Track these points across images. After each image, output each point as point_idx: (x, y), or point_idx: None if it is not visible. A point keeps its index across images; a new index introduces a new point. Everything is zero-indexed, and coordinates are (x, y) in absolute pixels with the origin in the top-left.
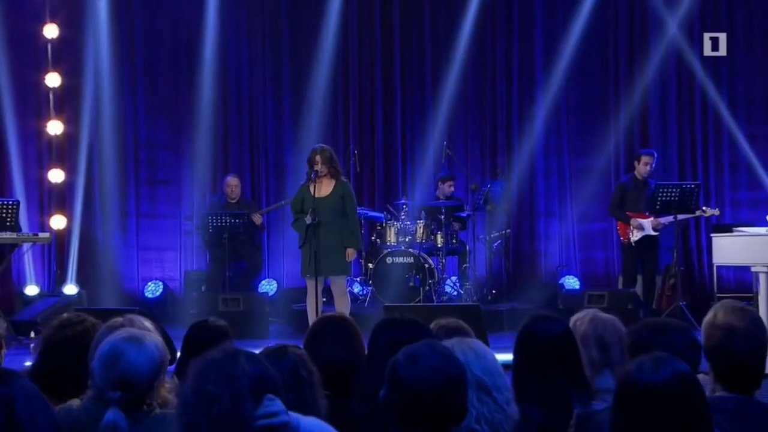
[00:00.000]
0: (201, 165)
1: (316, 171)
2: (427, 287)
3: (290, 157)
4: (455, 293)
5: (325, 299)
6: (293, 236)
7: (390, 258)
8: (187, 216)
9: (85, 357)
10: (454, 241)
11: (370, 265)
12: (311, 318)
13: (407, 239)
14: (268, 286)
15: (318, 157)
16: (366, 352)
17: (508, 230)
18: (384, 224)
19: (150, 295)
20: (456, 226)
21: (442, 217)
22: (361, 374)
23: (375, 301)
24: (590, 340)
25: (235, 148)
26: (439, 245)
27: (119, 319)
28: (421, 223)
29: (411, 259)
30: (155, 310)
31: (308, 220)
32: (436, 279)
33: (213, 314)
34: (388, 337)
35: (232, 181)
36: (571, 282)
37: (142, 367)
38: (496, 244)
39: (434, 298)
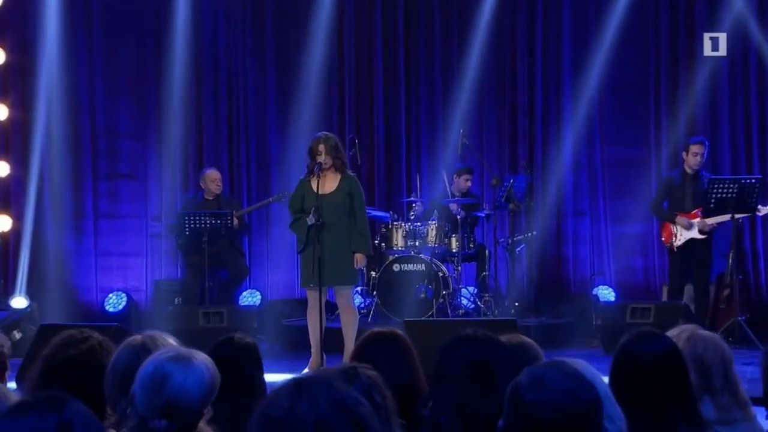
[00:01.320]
0: (171, 156)
1: (320, 163)
2: (441, 299)
3: (275, 147)
4: (472, 306)
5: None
6: (278, 239)
7: (397, 265)
8: (154, 216)
9: (92, 380)
10: (471, 245)
11: (374, 274)
12: (313, 336)
13: (417, 243)
14: (250, 299)
15: (321, 147)
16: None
17: (534, 232)
18: (390, 226)
19: (111, 309)
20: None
21: (459, 217)
22: (426, 402)
23: (379, 316)
24: (688, 361)
25: (211, 135)
26: (454, 250)
27: (138, 337)
28: (433, 225)
29: (422, 267)
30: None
31: (310, 220)
32: (451, 289)
33: (192, 331)
34: (464, 357)
35: (213, 175)
36: (606, 293)
37: (192, 392)
38: (519, 248)
39: (449, 311)
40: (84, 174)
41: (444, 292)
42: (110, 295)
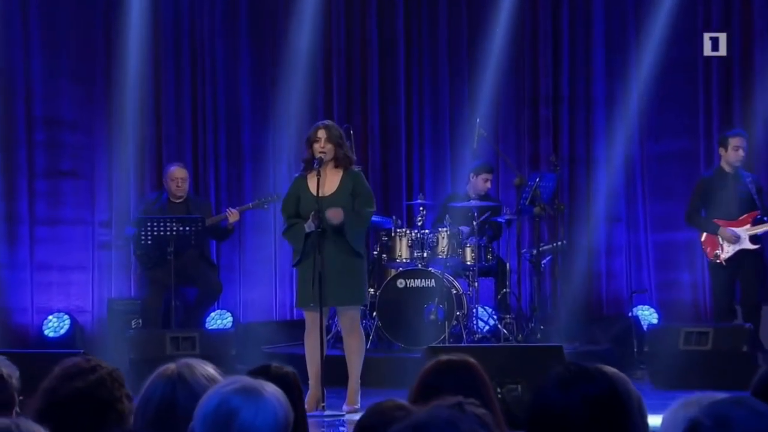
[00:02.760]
0: (124, 150)
1: (321, 158)
2: (455, 321)
3: (249, 137)
4: (490, 328)
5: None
6: (252, 250)
7: (401, 280)
8: (103, 222)
9: (102, 418)
10: (489, 256)
11: (373, 291)
12: (312, 365)
13: (425, 254)
14: (219, 321)
15: (321, 134)
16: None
17: (563, 242)
18: (392, 233)
19: (51, 334)
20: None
21: (476, 222)
22: None
23: (381, 342)
24: None
25: (172, 125)
26: (469, 262)
27: (171, 366)
28: (444, 232)
29: (431, 282)
30: (62, 354)
31: (309, 227)
32: (466, 310)
33: (158, 359)
34: (582, 395)
35: (178, 173)
36: (646, 314)
37: (263, 430)
38: (545, 260)
39: (464, 335)
40: (17, 171)
41: (458, 313)
42: (50, 317)
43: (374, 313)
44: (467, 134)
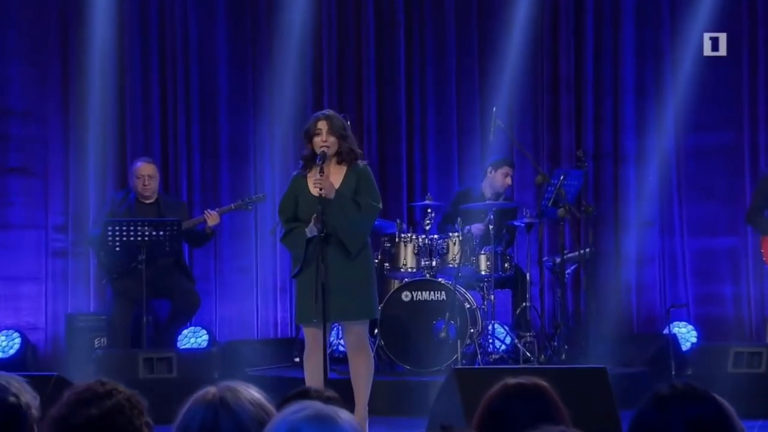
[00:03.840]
0: (82, 143)
1: (324, 152)
2: (468, 340)
3: (226, 129)
4: (507, 348)
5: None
6: (230, 259)
7: (407, 293)
8: (58, 225)
9: None
10: (506, 265)
11: None
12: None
13: (434, 263)
14: (193, 339)
15: (322, 125)
16: None
17: (590, 249)
18: (396, 239)
19: (0, 354)
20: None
21: (492, 226)
22: None
23: (383, 363)
24: None
25: (138, 115)
26: (483, 272)
27: (211, 390)
28: (456, 238)
29: (441, 295)
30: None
31: (311, 231)
32: (481, 327)
33: (129, 383)
34: (686, 416)
35: (145, 169)
36: (684, 331)
37: None
38: (569, 270)
39: (479, 356)
40: None
41: (471, 330)
42: None
43: (376, 331)
44: (477, 125)
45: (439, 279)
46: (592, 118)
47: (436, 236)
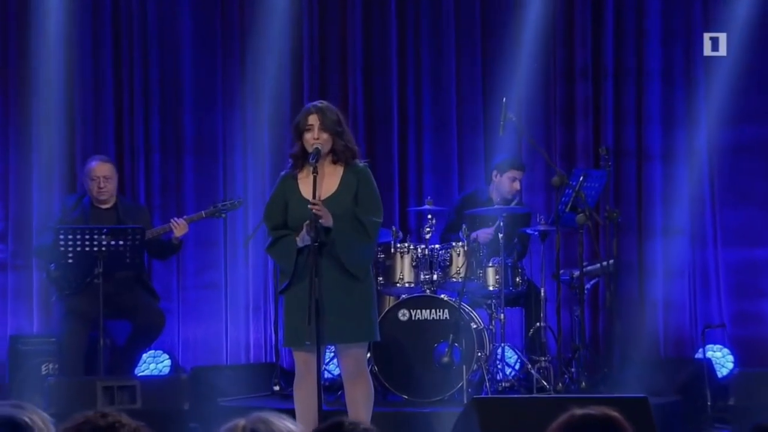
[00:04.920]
0: (25, 139)
1: (318, 149)
2: (476, 365)
3: (191, 123)
4: (518, 374)
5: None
6: (194, 274)
7: (404, 311)
8: None
9: None
10: (517, 279)
11: None
12: (304, 424)
13: (435, 277)
14: (153, 365)
15: (313, 120)
16: None
17: (614, 261)
18: (392, 249)
19: None
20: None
21: (501, 235)
22: None
23: (376, 391)
24: None
25: (89, 108)
26: (492, 287)
27: (240, 422)
28: (460, 248)
29: (443, 314)
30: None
31: (302, 240)
32: (489, 350)
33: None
34: None
35: (100, 169)
36: (718, 356)
37: None
38: (589, 285)
39: (487, 383)
40: None
41: (479, 354)
42: None
43: (369, 355)
44: (481, 118)
45: (441, 295)
46: (612, 111)
47: (437, 246)
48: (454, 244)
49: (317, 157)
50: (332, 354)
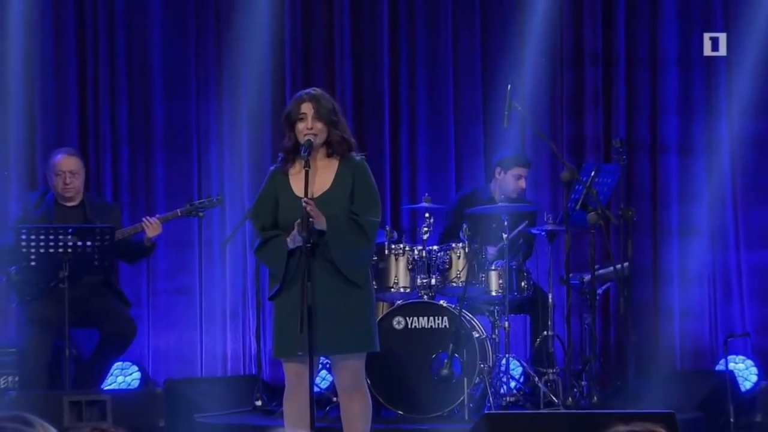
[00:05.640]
0: None
1: (310, 141)
2: (477, 378)
3: (162, 114)
4: (522, 387)
5: None
6: (165, 277)
7: (399, 319)
8: None
9: None
10: (523, 284)
11: None
12: None
13: (433, 281)
14: (121, 378)
15: (307, 108)
16: None
17: (626, 264)
18: (386, 251)
19: None
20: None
21: (506, 236)
22: None
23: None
24: None
25: (51, 95)
26: (495, 292)
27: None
28: (460, 249)
29: (442, 321)
30: None
31: (294, 241)
32: (492, 361)
33: None
34: None
35: (66, 163)
36: (741, 368)
37: None
38: (601, 290)
39: (490, 398)
40: None
41: (481, 365)
42: None
43: None
44: (480, 108)
45: (440, 301)
46: (624, 100)
47: (435, 248)
48: (454, 245)
49: (309, 149)
50: (320, 365)
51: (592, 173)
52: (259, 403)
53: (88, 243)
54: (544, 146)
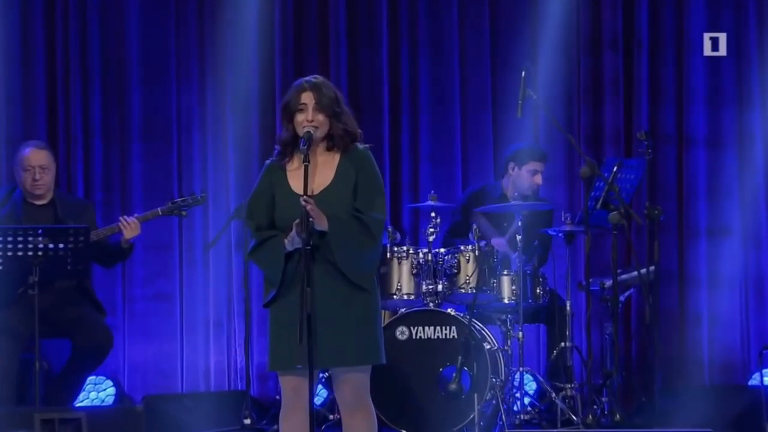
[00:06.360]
0: None
1: (309, 133)
2: (489, 394)
3: (139, 104)
4: (539, 404)
5: None
6: (144, 281)
7: (403, 329)
8: None
9: None
10: (538, 290)
11: None
12: None
13: (440, 287)
14: (94, 393)
15: (307, 98)
16: None
17: (652, 268)
18: (388, 254)
19: None
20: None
21: (520, 237)
22: None
23: None
24: None
25: (16, 85)
26: (507, 299)
27: None
28: (469, 252)
29: (450, 332)
30: None
31: (292, 243)
32: (504, 375)
33: None
34: None
35: (35, 157)
36: None
37: None
38: (623, 297)
39: (502, 414)
40: None
41: (492, 380)
42: None
43: None
44: (488, 96)
45: (448, 309)
46: (647, 87)
47: (442, 250)
48: (462, 248)
49: (309, 143)
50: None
51: (615, 168)
52: (248, 421)
53: (61, 245)
54: (559, 138)
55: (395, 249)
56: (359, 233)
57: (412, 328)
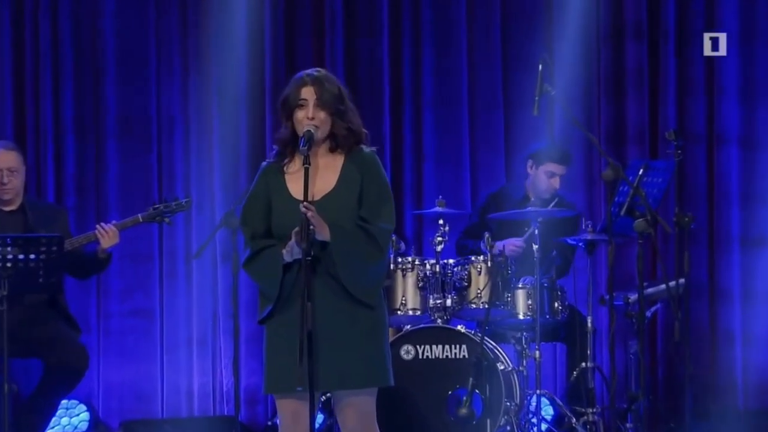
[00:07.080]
0: None
1: (310, 132)
2: (503, 419)
3: (114, 100)
4: (557, 429)
5: None
6: (121, 295)
7: (409, 348)
8: None
9: None
10: (557, 305)
11: None
12: None
13: (448, 302)
14: (66, 419)
15: (308, 93)
16: None
17: (682, 281)
18: (393, 265)
19: None
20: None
21: (536, 247)
22: None
23: None
24: None
25: None
26: (523, 315)
27: None
28: (481, 263)
29: (460, 350)
30: None
31: (290, 254)
32: (519, 398)
33: None
34: None
35: (4, 159)
36: None
37: None
38: (650, 313)
39: None
40: None
41: (506, 404)
42: None
43: None
44: (500, 92)
45: (458, 326)
46: (674, 81)
47: (451, 261)
48: (473, 258)
49: (309, 142)
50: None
51: (640, 171)
52: None
53: (32, 256)
54: (579, 137)
55: (399, 260)
56: (365, 244)
57: (418, 346)
